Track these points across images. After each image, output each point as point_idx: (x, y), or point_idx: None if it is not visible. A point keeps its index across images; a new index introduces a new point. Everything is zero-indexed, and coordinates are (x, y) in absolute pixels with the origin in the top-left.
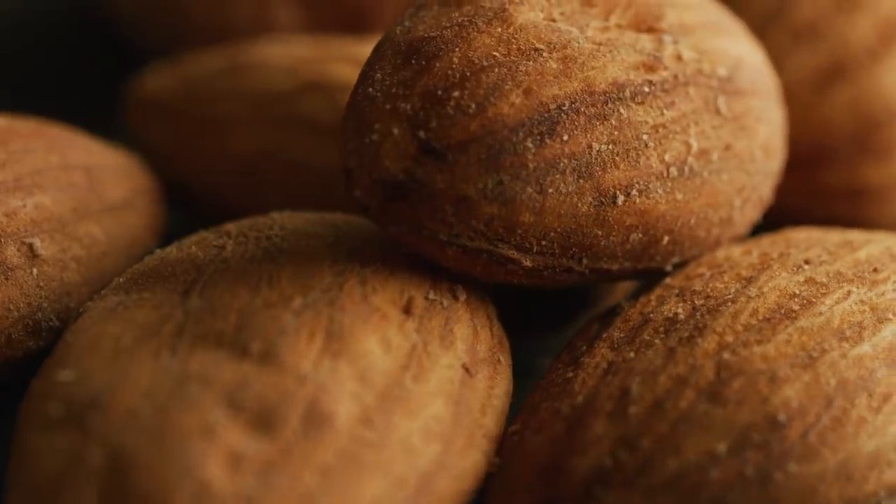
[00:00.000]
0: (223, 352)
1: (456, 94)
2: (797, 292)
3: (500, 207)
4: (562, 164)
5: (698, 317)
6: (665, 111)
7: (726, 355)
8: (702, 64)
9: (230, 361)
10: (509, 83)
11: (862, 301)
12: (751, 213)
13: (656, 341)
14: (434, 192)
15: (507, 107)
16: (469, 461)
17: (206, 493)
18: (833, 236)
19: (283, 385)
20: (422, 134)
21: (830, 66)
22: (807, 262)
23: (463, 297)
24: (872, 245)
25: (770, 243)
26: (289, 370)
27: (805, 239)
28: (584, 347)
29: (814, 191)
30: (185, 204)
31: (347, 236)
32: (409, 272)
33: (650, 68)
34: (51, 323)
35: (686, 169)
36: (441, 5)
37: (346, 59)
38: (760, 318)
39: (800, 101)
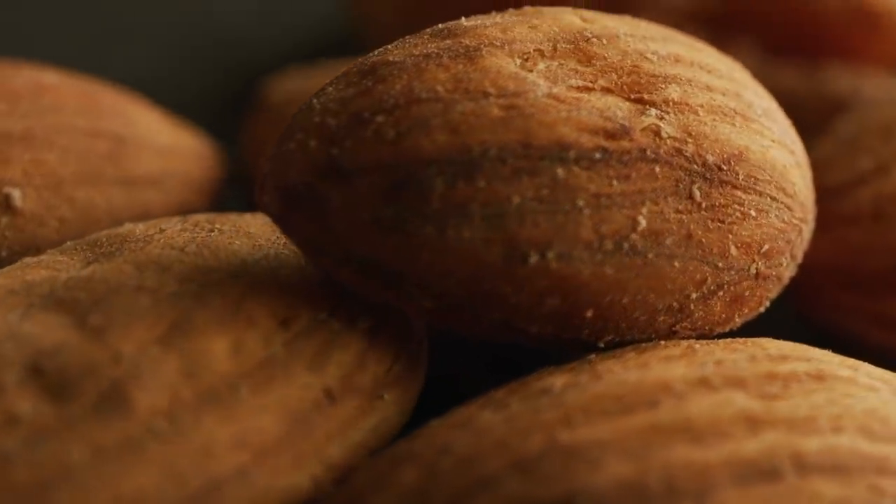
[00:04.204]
0: (65, 319)
1: (380, 119)
2: (677, 388)
3: (394, 239)
4: (471, 209)
5: (567, 391)
6: (615, 182)
7: (561, 431)
8: (685, 145)
9: (62, 329)
10: (439, 120)
11: (743, 410)
12: (722, 311)
13: (514, 406)
14: (328, 209)
15: (428, 142)
16: (284, 482)
17: None
18: (781, 349)
19: (95, 360)
20: (334, 151)
21: None
22: (718, 363)
23: (365, 326)
24: (805, 364)
25: (719, 344)
26: (109, 348)
27: (751, 346)
28: (470, 402)
29: (876, 316)
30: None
31: (284, 244)
32: (317, 289)
33: (611, 136)
34: None
35: (626, 245)
36: (432, 35)
37: None
38: (623, 403)
39: (885, 217)
